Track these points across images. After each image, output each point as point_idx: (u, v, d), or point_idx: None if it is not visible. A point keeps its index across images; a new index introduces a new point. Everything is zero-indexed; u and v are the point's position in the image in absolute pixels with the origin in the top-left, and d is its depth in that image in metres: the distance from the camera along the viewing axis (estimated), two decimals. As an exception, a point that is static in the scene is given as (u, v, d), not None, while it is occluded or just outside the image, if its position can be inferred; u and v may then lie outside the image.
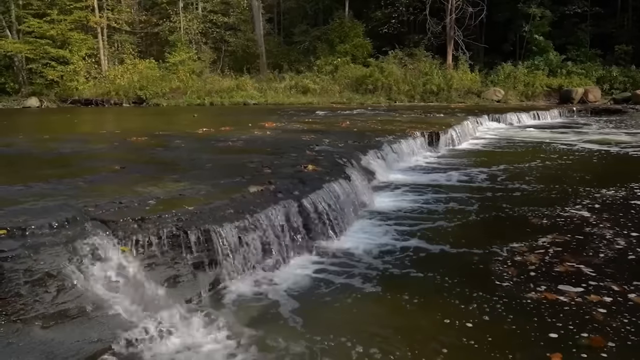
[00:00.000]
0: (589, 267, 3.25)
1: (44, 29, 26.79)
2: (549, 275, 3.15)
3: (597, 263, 3.33)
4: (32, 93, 26.96)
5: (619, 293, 2.86)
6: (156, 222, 2.83)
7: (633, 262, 3.36)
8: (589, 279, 3.06)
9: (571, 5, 24.48)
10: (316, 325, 2.58)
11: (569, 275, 3.14)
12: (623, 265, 3.29)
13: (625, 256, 3.47)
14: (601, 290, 2.90)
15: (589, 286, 2.96)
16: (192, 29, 30.28)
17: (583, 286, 2.96)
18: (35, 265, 2.27)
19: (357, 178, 5.05)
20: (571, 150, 8.87)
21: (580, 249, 3.62)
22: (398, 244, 3.82)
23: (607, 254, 3.51)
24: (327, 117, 13.26)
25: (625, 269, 3.23)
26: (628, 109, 18.14)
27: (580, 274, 3.14)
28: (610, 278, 3.07)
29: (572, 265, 3.29)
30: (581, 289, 2.93)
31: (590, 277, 3.09)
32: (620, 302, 2.75)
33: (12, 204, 2.98)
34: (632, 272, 3.16)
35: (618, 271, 3.18)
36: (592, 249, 3.62)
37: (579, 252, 3.55)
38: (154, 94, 25.38)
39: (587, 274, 3.14)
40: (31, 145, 6.70)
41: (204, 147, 6.38)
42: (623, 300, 2.76)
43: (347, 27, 27.33)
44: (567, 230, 4.08)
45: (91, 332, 2.28)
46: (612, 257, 3.46)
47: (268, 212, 3.43)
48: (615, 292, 2.87)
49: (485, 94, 22.37)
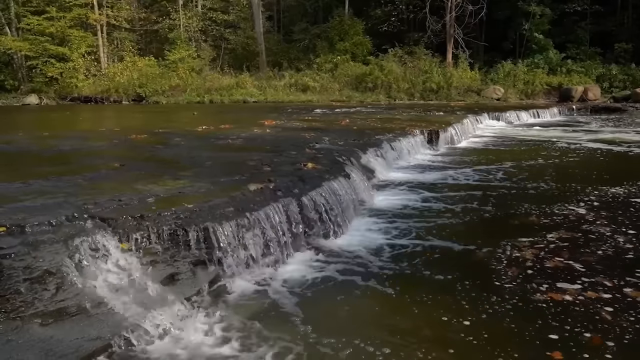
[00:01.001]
0: (592, 266, 3.25)
1: (44, 26, 26.72)
2: (551, 273, 3.14)
3: (600, 262, 3.33)
4: (32, 90, 26.93)
5: (623, 292, 2.86)
6: (156, 220, 2.83)
7: (636, 260, 3.36)
8: (592, 278, 3.06)
9: (571, 3, 24.46)
10: (316, 323, 2.57)
11: (571, 273, 3.13)
12: (627, 264, 3.29)
13: (628, 254, 3.47)
14: (604, 289, 2.89)
15: (592, 285, 2.96)
16: (191, 26, 30.24)
17: (585, 285, 2.96)
18: (35, 263, 2.26)
19: (356, 176, 5.04)
20: (571, 148, 8.87)
21: (582, 247, 3.61)
22: (398, 242, 3.82)
23: (608, 252, 3.51)
24: (326, 115, 13.25)
25: (629, 267, 3.23)
26: (628, 107, 18.15)
27: (582, 273, 3.14)
28: (614, 277, 3.06)
29: (574, 264, 3.28)
30: (583, 287, 2.92)
31: (593, 276, 3.08)
32: (623, 300, 2.75)
33: (12, 201, 2.97)
34: (636, 270, 3.16)
35: (622, 270, 3.17)
36: (594, 247, 3.61)
37: (581, 250, 3.55)
38: (153, 92, 25.35)
39: (589, 273, 3.14)
40: (31, 142, 6.69)
41: (203, 144, 6.37)
42: (625, 299, 2.76)
43: (346, 25, 27.30)
44: (568, 228, 4.07)
45: (90, 330, 2.27)
46: (615, 255, 3.46)
47: (268, 210, 3.42)
48: (619, 291, 2.87)
49: (485, 92, 22.37)
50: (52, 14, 27.12)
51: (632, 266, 3.24)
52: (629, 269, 3.19)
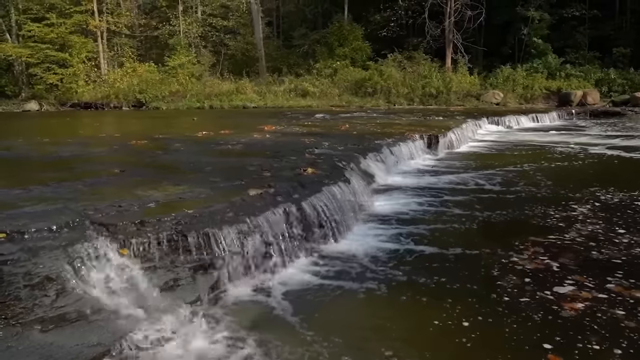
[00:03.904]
0: (590, 270, 3.24)
1: (44, 33, 26.78)
2: (549, 277, 3.14)
3: (601, 265, 3.33)
4: (32, 96, 26.95)
5: (622, 295, 2.86)
6: (156, 226, 2.83)
7: (635, 263, 3.36)
8: (589, 282, 3.05)
9: (569, 8, 24.56)
10: (316, 328, 2.57)
11: (568, 277, 3.13)
12: (625, 268, 3.29)
13: (628, 258, 3.47)
14: (603, 292, 2.89)
15: (590, 288, 2.95)
16: (191, 32, 30.33)
17: (583, 288, 2.96)
18: (35, 269, 2.26)
19: (356, 181, 5.05)
20: (572, 153, 8.88)
21: (582, 251, 3.61)
22: (397, 247, 3.82)
23: (610, 255, 3.51)
24: (326, 120, 13.28)
25: (627, 271, 3.22)
26: (627, 112, 18.20)
27: (583, 275, 3.14)
28: (616, 280, 3.06)
29: (574, 267, 3.28)
30: (580, 290, 2.92)
31: (591, 280, 3.08)
32: (622, 303, 2.75)
33: (12, 208, 2.98)
34: (634, 273, 3.16)
35: (621, 273, 3.17)
36: (596, 251, 3.61)
37: (582, 254, 3.55)
38: (153, 98, 25.39)
39: (586, 276, 3.13)
40: (31, 148, 6.70)
41: (203, 150, 6.38)
42: (625, 302, 2.76)
43: (346, 31, 27.38)
44: (568, 232, 4.07)
45: (90, 336, 2.27)
46: (613, 259, 3.45)
47: (268, 215, 3.43)
48: (618, 294, 2.86)
49: (485, 97, 22.41)
50: (53, 21, 27.19)
51: (633, 269, 3.23)
52: (630, 272, 3.19)
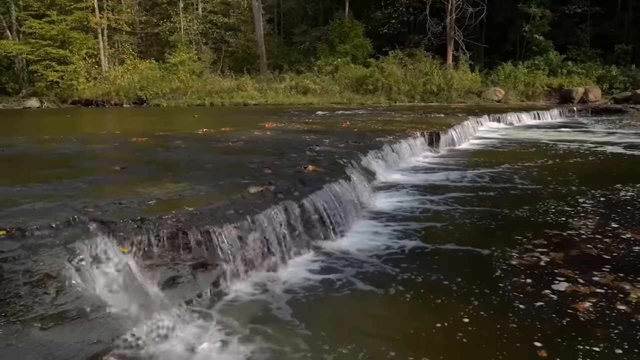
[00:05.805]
0: (589, 267, 3.24)
1: (45, 30, 26.76)
2: (549, 274, 3.13)
3: (604, 262, 3.32)
4: (33, 94, 26.97)
5: (620, 292, 2.85)
6: (156, 223, 2.83)
7: (635, 260, 3.35)
8: (588, 279, 3.05)
9: (571, 5, 24.49)
10: (317, 326, 2.57)
11: (569, 274, 3.12)
12: (625, 265, 3.28)
13: (630, 255, 3.46)
14: (601, 290, 2.89)
15: (588, 285, 2.95)
16: (192, 29, 30.32)
17: (589, 285, 2.95)
18: (35, 266, 2.26)
19: (357, 178, 5.04)
20: (572, 150, 8.86)
21: (582, 249, 3.60)
22: (398, 244, 3.81)
23: (611, 253, 3.50)
24: (327, 117, 13.26)
25: (627, 268, 3.21)
26: (629, 109, 18.17)
27: (585, 273, 3.13)
28: (616, 277, 3.06)
29: (576, 264, 3.28)
30: (580, 288, 2.92)
31: (590, 277, 3.08)
32: (621, 301, 2.74)
33: (12, 205, 2.97)
34: (633, 269, 3.15)
35: (620, 270, 3.17)
36: (599, 247, 3.60)
37: (582, 252, 3.54)
38: (154, 95, 25.39)
39: (592, 273, 3.13)
40: (31, 145, 6.69)
41: (204, 147, 6.37)
42: (623, 300, 2.76)
43: (347, 28, 27.34)
44: (569, 229, 4.06)
45: (91, 334, 2.27)
46: (615, 255, 3.44)
47: (268, 212, 3.42)
48: (616, 292, 2.86)
49: (486, 94, 22.38)
50: (53, 17, 27.16)
51: (633, 267, 3.23)
52: (630, 269, 3.18)
